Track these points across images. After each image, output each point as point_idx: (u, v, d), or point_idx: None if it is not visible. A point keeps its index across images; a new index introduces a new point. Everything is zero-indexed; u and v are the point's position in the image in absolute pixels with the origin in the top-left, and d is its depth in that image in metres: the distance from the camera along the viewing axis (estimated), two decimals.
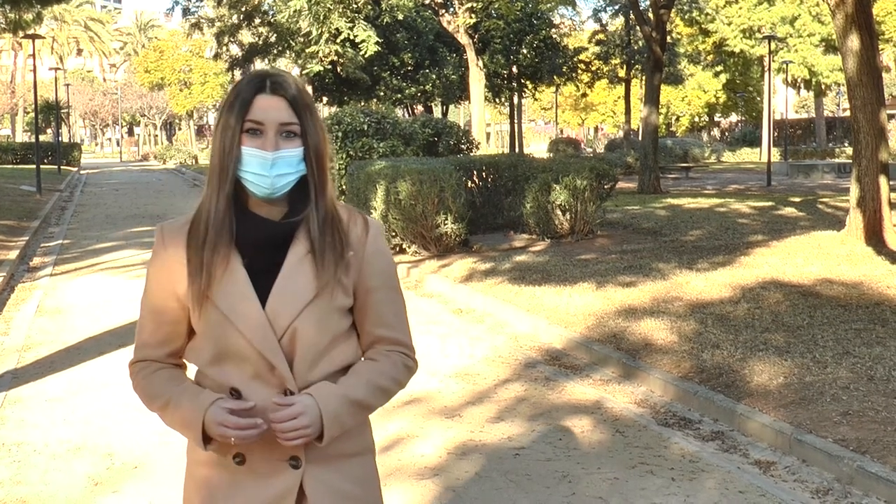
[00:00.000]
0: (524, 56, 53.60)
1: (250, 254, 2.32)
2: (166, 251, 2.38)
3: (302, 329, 2.30)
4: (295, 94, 2.30)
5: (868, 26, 14.65)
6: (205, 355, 2.37)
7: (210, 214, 2.32)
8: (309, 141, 2.31)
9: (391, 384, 2.46)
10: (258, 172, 2.27)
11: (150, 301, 2.43)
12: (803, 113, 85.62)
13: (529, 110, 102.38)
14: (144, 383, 2.43)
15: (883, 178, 14.61)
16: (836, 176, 39.25)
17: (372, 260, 2.43)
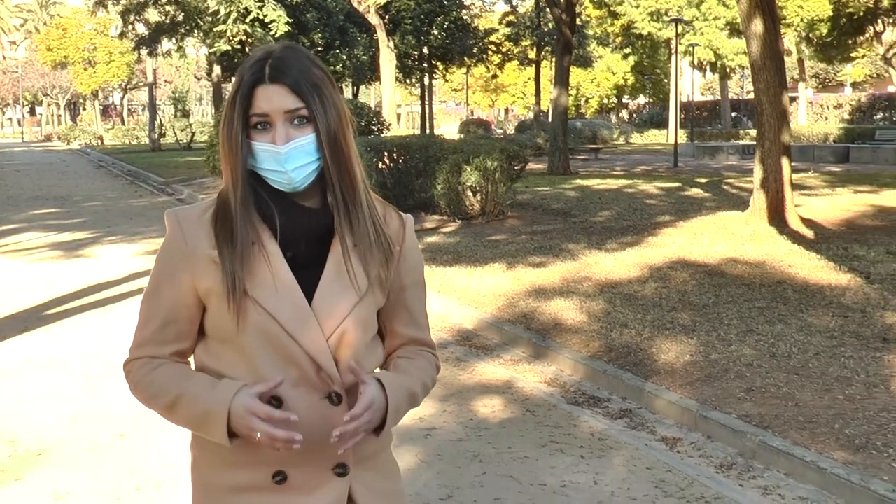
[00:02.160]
0: (435, 37, 53.59)
1: (293, 246, 2.11)
2: (186, 242, 2.13)
3: (350, 329, 2.12)
4: (298, 77, 2.08)
5: (771, 11, 14.94)
6: (239, 357, 2.11)
7: (236, 206, 2.11)
8: (319, 124, 2.08)
9: (430, 383, 2.33)
10: (274, 168, 2.08)
11: (162, 296, 2.17)
12: (709, 95, 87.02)
13: (440, 91, 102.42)
14: (147, 380, 2.16)
15: (785, 159, 14.93)
16: (741, 157, 40.00)
17: (408, 256, 2.27)
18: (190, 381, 2.12)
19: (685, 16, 53.94)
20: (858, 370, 7.03)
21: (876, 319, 8.57)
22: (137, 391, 2.19)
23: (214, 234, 2.12)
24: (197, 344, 2.22)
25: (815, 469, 5.32)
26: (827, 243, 12.92)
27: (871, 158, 34.99)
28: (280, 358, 2.08)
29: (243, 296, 2.06)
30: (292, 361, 2.08)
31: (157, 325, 2.18)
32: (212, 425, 2.05)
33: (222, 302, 2.08)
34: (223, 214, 2.13)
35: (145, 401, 2.19)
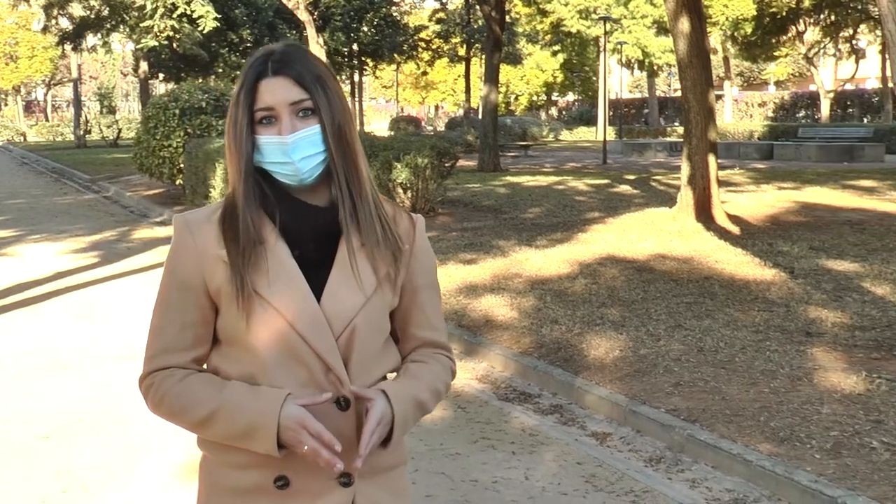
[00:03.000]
0: (365, 34, 53.45)
1: (300, 245, 2.08)
2: (196, 243, 2.09)
3: (360, 328, 2.08)
4: (301, 70, 2.07)
5: (697, 10, 15.13)
6: (248, 358, 2.07)
7: (242, 205, 2.08)
8: (324, 116, 2.06)
9: (443, 388, 2.26)
10: (280, 160, 2.05)
11: (175, 300, 2.12)
12: (637, 93, 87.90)
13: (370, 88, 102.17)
14: (175, 392, 2.07)
15: (712, 156, 15.14)
16: (669, 154, 40.47)
17: (420, 256, 2.24)
18: (226, 392, 2.05)
19: (613, 14, 54.43)
20: (783, 364, 7.16)
21: (799, 314, 8.74)
22: (162, 405, 2.10)
23: (222, 233, 2.08)
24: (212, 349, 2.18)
25: (741, 461, 5.41)
26: (752, 239, 13.13)
27: (794, 155, 35.60)
28: (289, 358, 2.04)
29: (252, 295, 2.03)
30: (301, 362, 2.05)
31: (176, 331, 2.12)
32: (259, 437, 1.99)
33: (231, 302, 2.05)
34: (230, 215, 2.10)
35: (172, 415, 2.11)
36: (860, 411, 6.06)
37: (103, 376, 7.59)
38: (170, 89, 21.41)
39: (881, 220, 15.09)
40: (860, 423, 5.86)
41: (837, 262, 11.26)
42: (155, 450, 5.90)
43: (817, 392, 6.48)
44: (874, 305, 9.00)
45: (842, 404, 6.20)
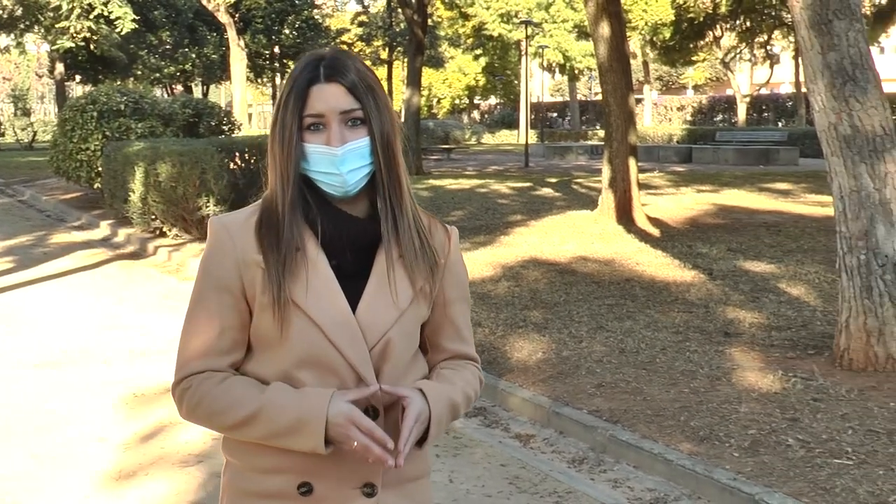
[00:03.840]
0: (286, 36, 53.09)
1: (338, 255, 2.06)
2: (235, 244, 2.06)
3: (394, 341, 2.06)
4: (354, 78, 2.03)
5: (617, 14, 15.31)
6: (280, 366, 2.04)
7: (282, 211, 2.04)
8: (374, 127, 2.03)
9: (473, 395, 2.23)
10: (328, 171, 2.02)
11: (214, 303, 2.07)
12: (558, 96, 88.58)
13: None
14: (214, 393, 2.03)
15: (632, 159, 15.33)
16: (590, 157, 40.84)
17: (454, 269, 2.21)
18: (270, 391, 2.01)
19: (535, 18, 54.80)
20: (702, 364, 7.28)
21: (718, 314, 8.89)
22: (200, 407, 2.06)
23: (259, 239, 2.05)
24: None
25: (662, 461, 5.49)
26: (672, 241, 13.32)
27: (712, 159, 36.19)
28: (321, 367, 2.02)
29: (288, 303, 2.00)
30: (333, 371, 2.02)
31: (214, 334, 2.07)
32: (306, 433, 1.96)
33: (263, 310, 2.03)
34: (268, 220, 2.06)
35: (210, 417, 2.06)
36: (776, 410, 6.18)
37: (24, 384, 7.45)
38: (87, 91, 21.05)
39: (796, 222, 15.40)
40: (777, 421, 5.98)
41: (754, 263, 11.48)
42: (78, 459, 5.80)
43: (735, 391, 6.60)
44: (790, 306, 9.19)
45: (759, 403, 6.32)
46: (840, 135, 6.96)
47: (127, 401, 7.01)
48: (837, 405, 6.22)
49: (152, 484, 5.41)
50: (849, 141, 6.94)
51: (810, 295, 9.66)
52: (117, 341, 8.77)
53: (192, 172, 14.26)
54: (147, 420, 6.46)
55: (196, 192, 14.39)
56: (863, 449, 5.46)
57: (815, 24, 6.99)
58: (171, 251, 13.86)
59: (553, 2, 57.74)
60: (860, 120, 6.91)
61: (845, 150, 6.96)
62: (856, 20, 7.01)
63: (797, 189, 21.73)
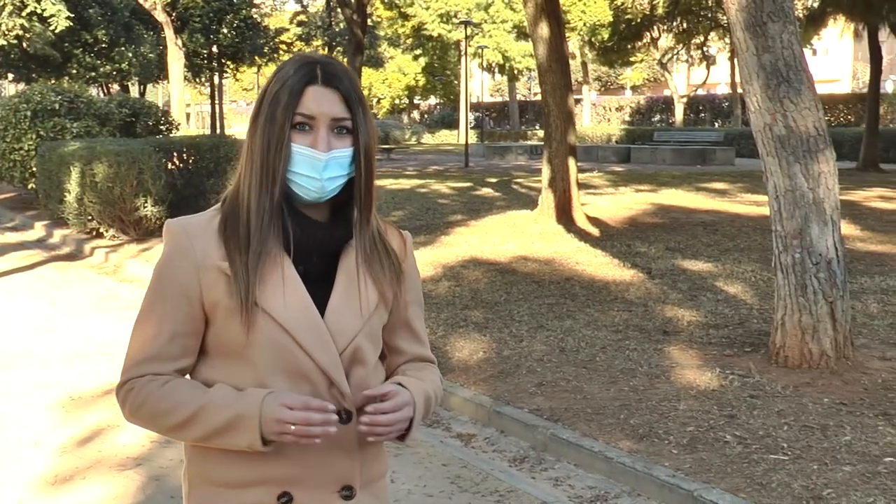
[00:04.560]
0: (225, 35, 52.58)
1: (304, 260, 2.03)
2: (195, 251, 2.01)
3: (362, 346, 2.06)
4: (349, 86, 2.03)
5: (556, 15, 15.40)
6: (248, 374, 2.00)
7: (252, 214, 2.00)
8: (360, 140, 2.03)
9: (439, 394, 2.27)
10: (308, 175, 1.99)
11: (169, 309, 2.03)
12: (498, 96, 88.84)
13: (231, 91, 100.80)
14: (158, 395, 2.00)
15: (571, 159, 15.42)
16: (529, 157, 41.02)
17: (410, 273, 2.21)
18: (212, 392, 1.99)
19: (474, 18, 54.94)
20: (642, 362, 7.34)
21: (657, 313, 8.97)
22: (142, 409, 2.03)
23: (224, 242, 2.01)
24: (199, 361, 2.09)
25: (602, 459, 5.53)
26: (611, 240, 13.43)
27: (650, 158, 36.55)
28: (291, 372, 1.99)
29: (254, 307, 1.96)
30: (304, 376, 2.00)
31: (164, 340, 2.03)
32: (241, 429, 1.93)
33: (230, 315, 1.98)
34: (233, 222, 2.03)
35: (152, 418, 2.04)
36: (714, 407, 6.26)
37: None
38: (21, 90, 20.71)
39: (732, 222, 15.60)
40: (714, 418, 6.05)
41: (692, 262, 11.61)
42: (13, 464, 5.71)
43: (674, 389, 6.67)
44: (727, 304, 9.31)
45: (697, 400, 6.40)
46: (775, 135, 7.07)
47: (63, 404, 6.90)
48: (773, 402, 6.32)
49: (89, 488, 5.34)
50: (783, 141, 7.04)
51: (747, 293, 9.79)
52: (53, 344, 8.65)
53: (130, 173, 14.12)
54: (84, 423, 6.37)
55: (133, 193, 14.25)
56: (798, 444, 5.55)
57: (750, 26, 7.08)
58: (108, 252, 13.69)
59: (492, 2, 57.93)
60: (794, 121, 7.01)
61: (780, 150, 7.06)
62: (789, 22, 7.12)
63: (733, 189, 22.01)
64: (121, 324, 9.32)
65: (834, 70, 71.87)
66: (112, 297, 10.93)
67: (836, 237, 7.10)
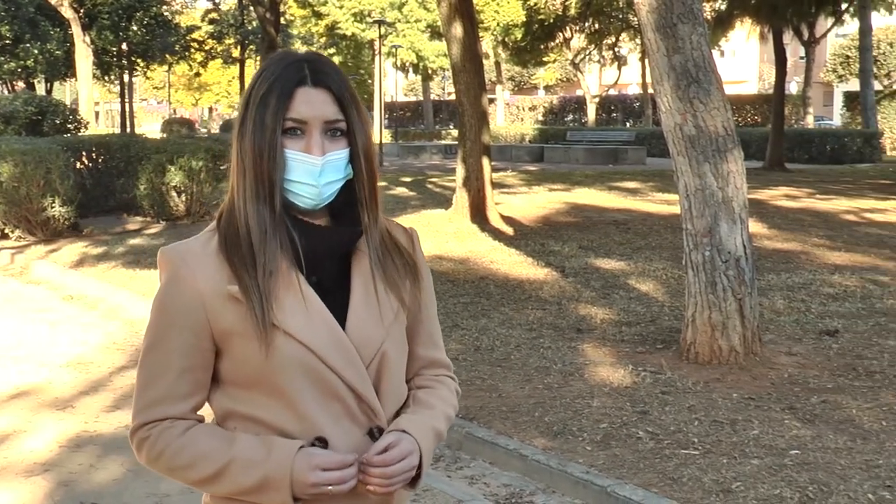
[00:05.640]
0: (134, 33, 51.78)
1: (315, 270, 1.91)
2: (197, 278, 1.88)
3: (389, 354, 1.95)
4: (341, 85, 1.91)
5: (470, 15, 15.45)
6: (272, 402, 1.88)
7: (252, 228, 1.87)
8: (357, 140, 1.91)
9: (453, 413, 2.12)
10: (304, 181, 1.87)
11: (174, 343, 1.90)
12: (412, 96, 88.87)
13: (141, 89, 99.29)
14: (176, 446, 1.89)
15: (485, 158, 15.48)
16: (444, 157, 41.10)
17: (423, 271, 2.11)
18: (236, 446, 1.87)
19: (388, 18, 54.87)
20: (556, 360, 7.40)
21: (570, 311, 9.06)
22: (161, 460, 1.92)
23: (228, 264, 1.88)
24: (214, 391, 1.97)
25: (517, 456, 5.56)
26: (525, 240, 13.52)
27: (563, 158, 36.86)
28: (318, 392, 1.88)
29: (272, 328, 1.84)
30: (334, 395, 1.89)
31: (173, 377, 1.91)
32: (271, 491, 1.84)
33: (247, 340, 1.85)
34: (233, 239, 1.90)
35: (173, 471, 1.93)
36: (627, 403, 6.34)
37: None
38: None
39: (644, 220, 15.81)
40: (627, 414, 6.13)
41: (605, 260, 11.74)
42: None
43: (588, 386, 6.73)
44: (639, 302, 9.44)
45: (610, 397, 6.47)
46: (685, 135, 7.18)
47: None
48: (684, 397, 6.42)
49: None
50: (693, 141, 7.16)
51: (658, 291, 9.93)
52: None
53: (36, 172, 13.83)
54: None
55: (41, 193, 13.97)
56: (708, 439, 5.65)
57: (661, 28, 7.19)
58: (13, 253, 13.38)
59: (406, 2, 57.92)
60: (704, 121, 7.14)
61: (690, 149, 7.18)
62: (698, 24, 7.24)
63: (645, 188, 22.31)
64: (27, 326, 9.13)
65: (741, 71, 73.32)
66: (18, 298, 10.70)
67: (744, 235, 7.24)
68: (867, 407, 6.18)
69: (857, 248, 12.81)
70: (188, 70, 66.14)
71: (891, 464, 5.22)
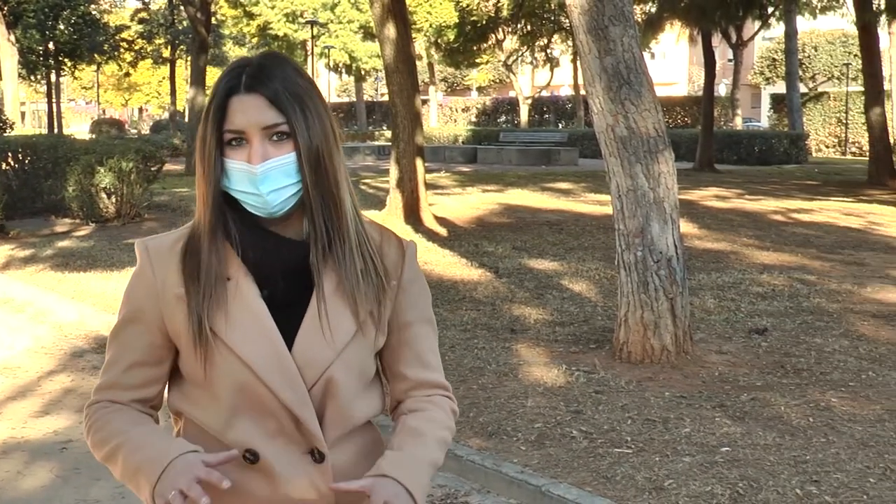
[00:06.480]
0: (61, 32, 51.05)
1: (269, 283, 1.86)
2: (155, 275, 1.88)
3: (337, 377, 1.86)
4: (278, 87, 1.82)
5: (403, 16, 15.45)
6: (213, 409, 1.86)
7: (202, 237, 1.86)
8: (300, 141, 1.81)
9: (448, 436, 2.01)
10: (247, 190, 1.82)
11: (128, 335, 1.91)
12: (345, 97, 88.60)
13: (69, 89, 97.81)
14: (98, 424, 1.90)
15: (419, 159, 15.50)
16: (377, 158, 40.98)
17: (409, 289, 2.01)
18: (137, 429, 1.86)
19: (320, 18, 54.66)
20: (490, 360, 7.42)
21: (505, 312, 9.09)
22: (89, 436, 1.93)
23: (182, 268, 1.87)
24: (172, 386, 1.96)
25: (452, 457, 5.56)
26: (459, 240, 13.54)
27: (496, 159, 36.98)
28: (254, 408, 1.84)
29: (213, 339, 1.81)
30: (269, 413, 1.84)
31: (123, 368, 1.92)
32: (141, 481, 1.79)
33: (190, 345, 1.84)
34: (192, 247, 1.88)
35: (93, 447, 1.92)
36: (561, 403, 6.38)
37: None
38: None
39: (577, 221, 15.93)
40: (561, 414, 6.16)
41: (538, 261, 11.81)
42: None
43: (522, 386, 6.76)
44: (572, 302, 9.51)
45: (545, 397, 6.50)
46: (617, 136, 7.24)
47: None
48: (617, 396, 6.47)
49: None
50: (625, 142, 7.22)
51: (591, 291, 10.01)
52: None
53: None
54: None
55: None
56: (641, 437, 5.70)
57: (593, 30, 7.25)
58: None
59: (339, 2, 57.73)
60: (635, 122, 7.21)
61: (622, 150, 7.24)
62: (629, 26, 7.31)
63: (577, 188, 22.48)
64: None
65: (671, 74, 74.22)
66: None
67: (675, 235, 7.33)
68: (795, 404, 6.29)
69: (785, 248, 13.04)
70: (117, 70, 65.34)
71: (817, 459, 5.32)
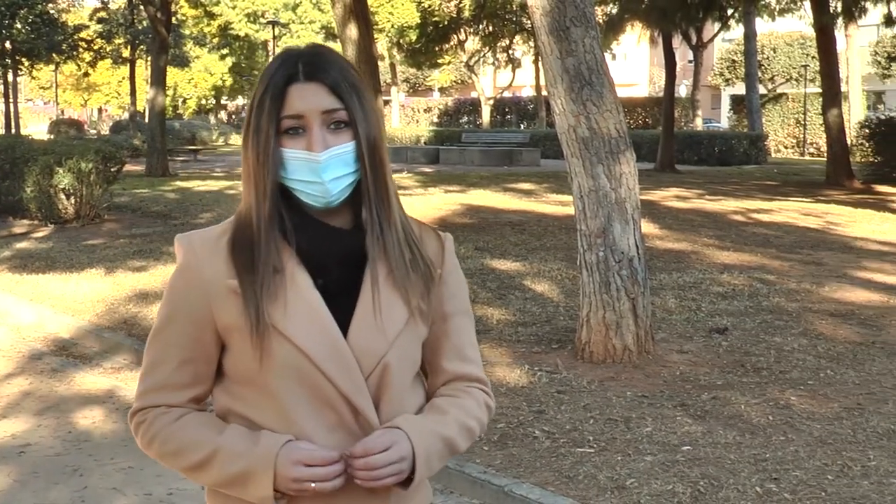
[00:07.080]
0: (19, 31, 50.51)
1: (322, 273, 1.85)
2: (202, 269, 1.86)
3: (393, 365, 1.86)
4: (337, 76, 1.83)
5: (364, 17, 15.43)
6: (266, 402, 1.84)
7: (255, 229, 1.84)
8: (359, 130, 1.83)
9: (477, 426, 2.00)
10: (308, 179, 1.81)
11: (175, 332, 1.89)
12: None
13: (27, 89, 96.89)
14: (167, 432, 1.87)
15: None
16: None
17: (449, 281, 1.99)
18: (224, 435, 1.84)
19: (282, 18, 54.53)
20: None
21: None
22: (153, 445, 1.90)
23: (232, 260, 1.85)
24: (217, 388, 1.94)
25: None
26: None
27: (458, 159, 37.01)
28: (313, 400, 1.83)
29: (270, 330, 1.79)
30: (327, 404, 1.83)
31: (173, 366, 1.89)
32: (253, 485, 1.79)
33: (245, 338, 1.82)
34: (241, 238, 1.86)
35: (163, 457, 1.90)
36: (524, 403, 6.40)
37: None
38: None
39: (539, 221, 15.97)
40: (524, 414, 6.18)
41: (501, 261, 11.83)
42: None
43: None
44: (535, 302, 9.53)
45: (507, 397, 6.52)
46: (579, 137, 7.28)
47: None
48: (580, 396, 6.50)
49: None
50: (587, 143, 7.26)
51: (554, 291, 10.04)
52: None
53: None
54: None
55: None
56: (603, 437, 5.73)
57: (554, 31, 7.27)
58: None
59: (300, 2, 57.59)
60: (597, 123, 7.24)
61: (584, 151, 7.28)
62: (591, 27, 7.34)
63: (539, 189, 22.54)
64: None
65: (632, 75, 74.54)
66: None
67: (637, 236, 7.37)
68: (755, 402, 6.35)
69: (745, 248, 13.14)
70: (76, 70, 64.68)
71: (777, 457, 5.37)
